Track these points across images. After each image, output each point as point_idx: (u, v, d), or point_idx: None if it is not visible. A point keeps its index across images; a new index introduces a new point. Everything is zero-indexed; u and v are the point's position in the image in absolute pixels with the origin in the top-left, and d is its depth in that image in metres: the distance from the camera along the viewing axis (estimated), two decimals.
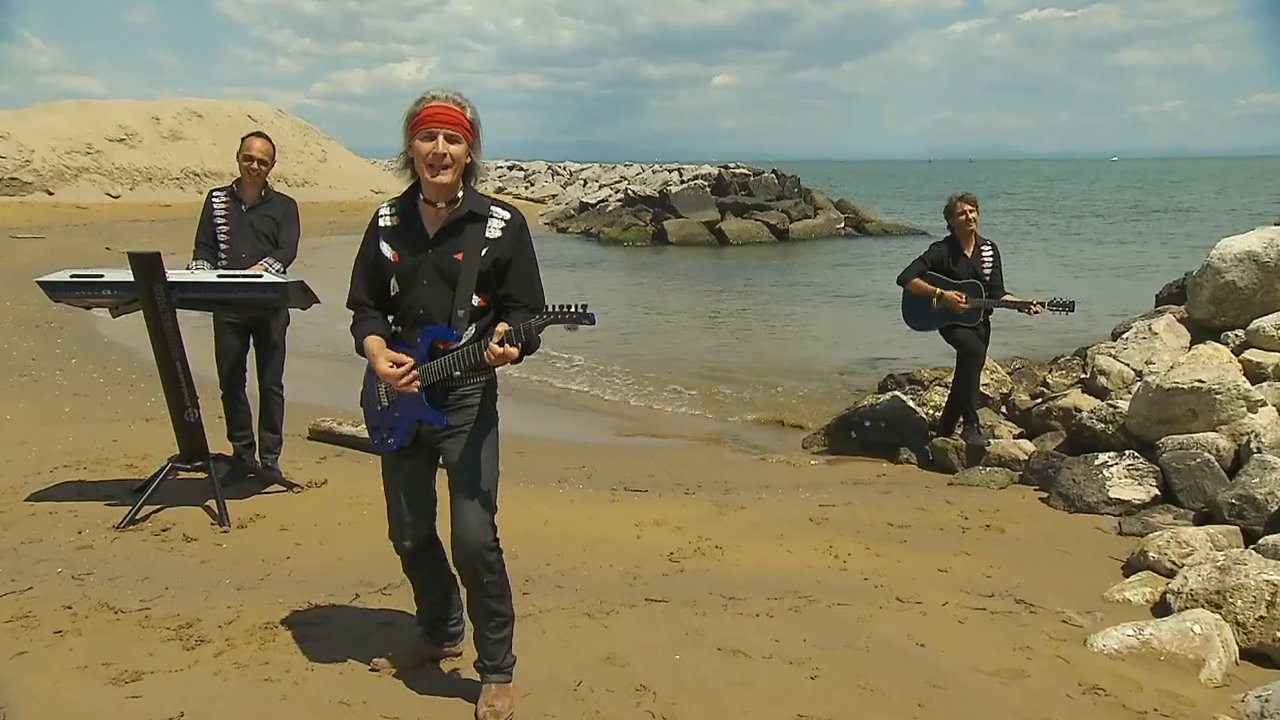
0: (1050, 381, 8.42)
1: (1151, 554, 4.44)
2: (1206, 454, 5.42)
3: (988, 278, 7.09)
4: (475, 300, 3.02)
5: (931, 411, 7.86)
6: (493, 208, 3.07)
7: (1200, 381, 5.79)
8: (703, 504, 5.76)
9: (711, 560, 4.74)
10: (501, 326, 2.85)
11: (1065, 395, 7.33)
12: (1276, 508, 4.71)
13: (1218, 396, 5.72)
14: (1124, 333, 8.24)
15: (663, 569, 4.62)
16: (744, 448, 7.81)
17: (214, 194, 5.66)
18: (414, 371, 3.00)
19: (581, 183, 42.98)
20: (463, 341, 3.01)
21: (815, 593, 4.26)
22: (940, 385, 8.34)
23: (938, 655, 3.63)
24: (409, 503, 3.25)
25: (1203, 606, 3.83)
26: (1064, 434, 6.96)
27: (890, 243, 29.06)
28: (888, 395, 7.93)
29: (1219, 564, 3.97)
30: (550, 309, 2.82)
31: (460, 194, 3.05)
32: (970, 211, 6.92)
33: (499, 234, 3.03)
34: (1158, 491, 5.48)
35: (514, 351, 2.84)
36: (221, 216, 5.55)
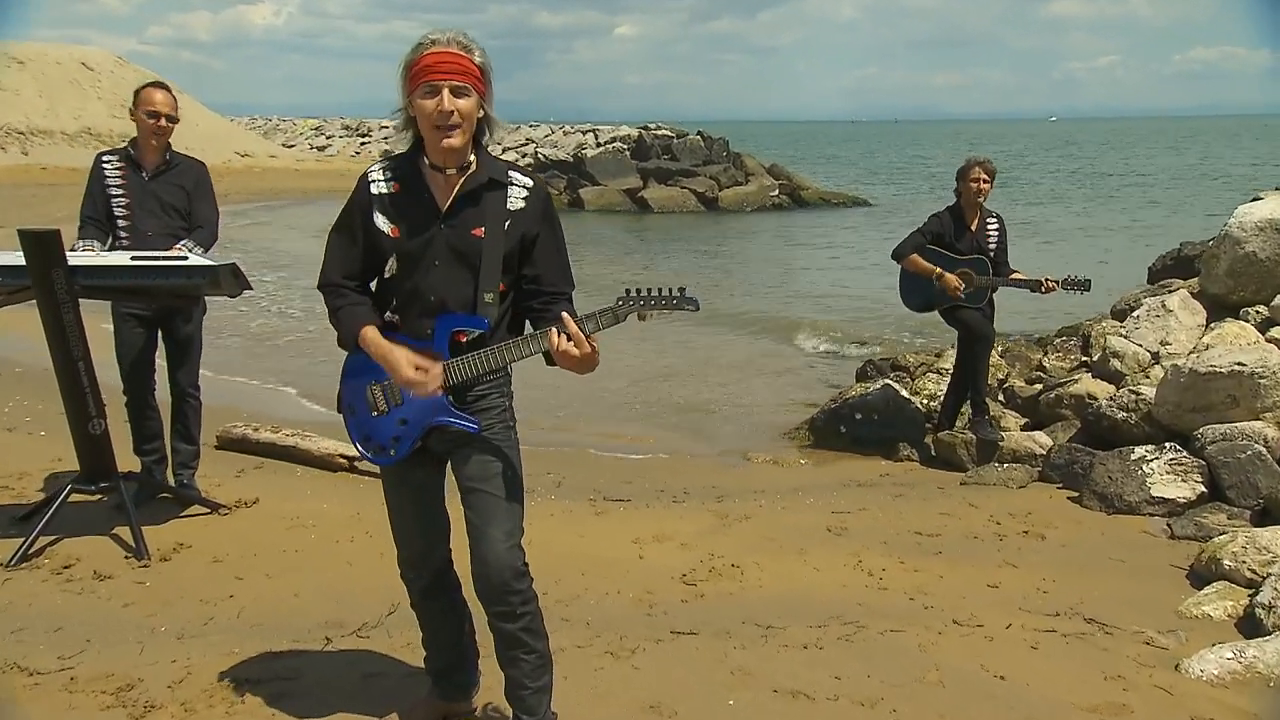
0: (1047, 365, 8.50)
1: (1226, 562, 4.44)
2: (1257, 445, 5.48)
3: (992, 253, 7.07)
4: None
5: (926, 401, 7.86)
6: (512, 173, 2.85)
7: (1241, 365, 5.86)
8: (701, 515, 5.60)
9: (731, 582, 4.58)
10: (567, 316, 2.64)
11: (1075, 381, 7.37)
12: None
13: (1261, 381, 5.80)
14: (1131, 310, 8.37)
15: (680, 594, 4.44)
16: (719, 449, 7.67)
17: (104, 159, 5.20)
18: (440, 379, 2.77)
19: None
20: (490, 329, 2.79)
21: (860, 617, 4.14)
22: (932, 372, 8.34)
23: (1024, 689, 3.53)
24: (424, 524, 3.04)
25: None
26: (1077, 424, 7.02)
27: (832, 215, 29.37)
28: (879, 385, 7.88)
29: None
30: (638, 293, 2.65)
31: (473, 157, 2.81)
32: (985, 181, 6.87)
33: (522, 205, 2.82)
34: (1204, 488, 5.52)
35: (595, 346, 2.65)
36: (117, 187, 5.10)
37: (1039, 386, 7.92)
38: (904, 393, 7.78)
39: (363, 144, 51.06)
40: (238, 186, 30.10)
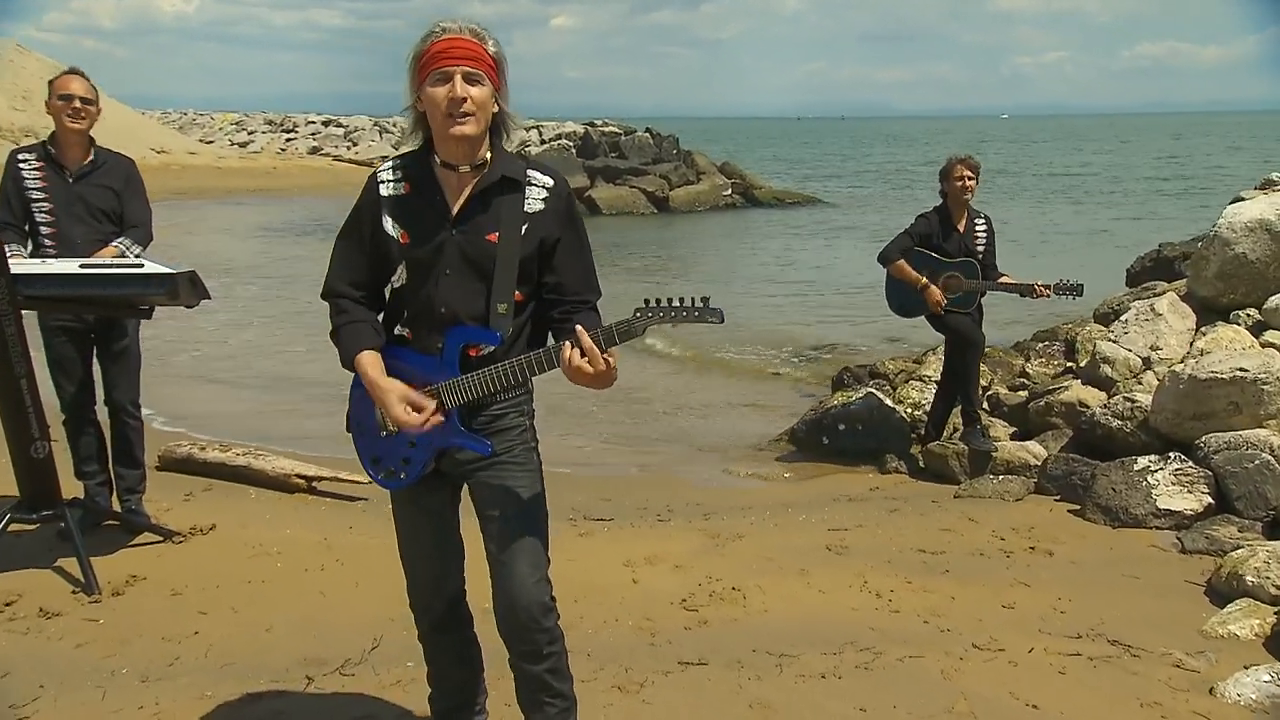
0: (1030, 371, 8.56)
1: (1249, 578, 4.45)
2: (1265, 455, 5.53)
3: (981, 255, 7.09)
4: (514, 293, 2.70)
5: (910, 410, 7.86)
6: (531, 172, 2.74)
7: (1243, 370, 5.91)
8: (691, 534, 5.52)
9: (734, 607, 4.50)
10: (580, 329, 2.52)
11: (1065, 388, 7.42)
12: None
13: (1265, 387, 5.85)
14: (1115, 314, 8.46)
15: (681, 621, 4.35)
16: (695, 463, 7.59)
17: (19, 157, 4.93)
18: (437, 416, 2.69)
19: None
20: (503, 343, 2.68)
21: (876, 643, 4.09)
22: (915, 379, 8.34)
23: (1059, 719, 3.50)
24: (437, 552, 2.93)
25: None
26: (1069, 433, 7.05)
27: (788, 215, 29.49)
28: (861, 393, 7.86)
29: None
30: (656, 303, 2.52)
31: (488, 154, 2.70)
32: (970, 178, 6.89)
33: (541, 206, 2.72)
34: (1211, 500, 5.55)
35: (611, 362, 2.51)
36: (38, 189, 4.85)
37: (1024, 394, 7.97)
38: (888, 401, 7.77)
39: (288, 140, 50.32)
40: (155, 185, 29.00)
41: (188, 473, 6.42)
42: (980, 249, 7.09)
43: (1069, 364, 8.38)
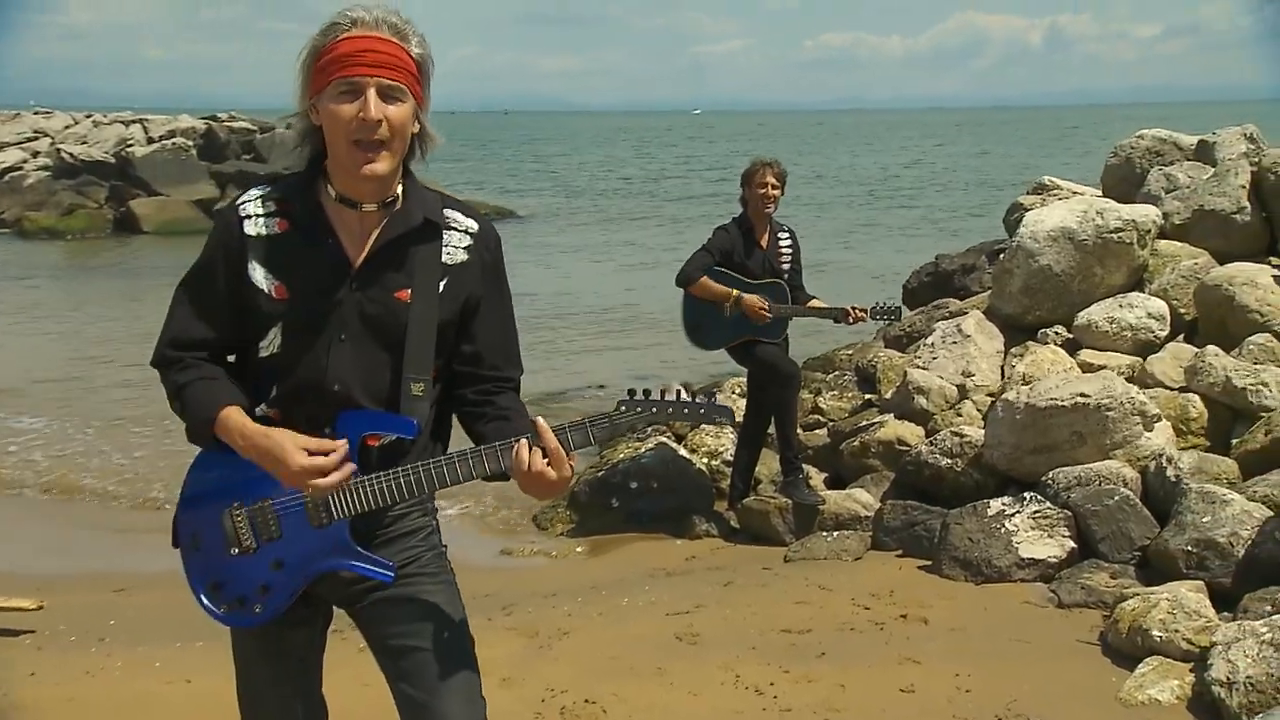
0: (824, 406, 8.90)
1: (1156, 633, 4.76)
2: (1123, 489, 5.99)
3: (787, 276, 7.30)
4: None
5: (707, 460, 7.96)
6: (449, 212, 2.56)
7: (1084, 396, 6.39)
8: (501, 634, 5.29)
9: None
10: (543, 424, 2.38)
11: (880, 425, 7.74)
12: (1243, 553, 5.30)
13: (1109, 414, 6.35)
14: (910, 336, 8.98)
15: None
16: (461, 541, 7.33)
17: None
18: (349, 464, 2.42)
19: None
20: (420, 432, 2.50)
21: None
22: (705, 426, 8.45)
23: None
24: (301, 710, 2.72)
25: (1277, 702, 4.16)
26: (889, 476, 7.38)
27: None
28: (652, 443, 7.88)
29: (1264, 638, 4.35)
30: (645, 395, 2.42)
31: (399, 189, 2.49)
32: (775, 187, 7.08)
33: (465, 256, 2.54)
34: (1074, 544, 5.95)
35: (572, 465, 2.42)
36: None
37: (825, 433, 8.28)
38: (683, 452, 7.84)
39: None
40: None
41: None
42: (785, 267, 7.30)
43: (868, 396, 8.76)
